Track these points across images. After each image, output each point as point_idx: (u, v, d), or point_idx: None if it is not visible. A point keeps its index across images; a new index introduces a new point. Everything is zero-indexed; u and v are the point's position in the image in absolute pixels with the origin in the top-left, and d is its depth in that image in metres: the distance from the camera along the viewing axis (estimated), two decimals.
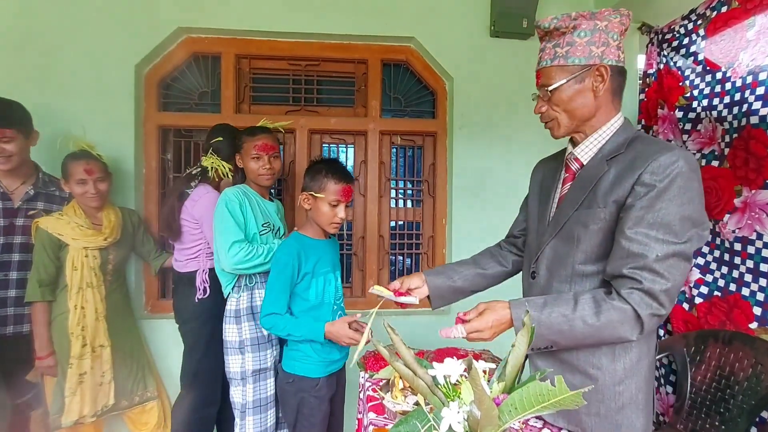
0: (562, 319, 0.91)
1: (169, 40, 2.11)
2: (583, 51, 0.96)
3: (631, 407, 0.97)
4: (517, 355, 0.68)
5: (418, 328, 2.26)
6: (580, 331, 0.91)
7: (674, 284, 0.88)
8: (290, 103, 2.30)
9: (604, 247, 0.96)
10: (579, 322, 0.90)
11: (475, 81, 2.25)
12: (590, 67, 0.96)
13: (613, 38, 0.97)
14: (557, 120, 1.03)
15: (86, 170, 1.72)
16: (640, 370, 0.98)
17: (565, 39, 0.97)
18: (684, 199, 0.88)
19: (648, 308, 0.88)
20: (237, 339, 1.66)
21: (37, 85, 1.99)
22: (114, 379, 1.79)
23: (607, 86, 0.97)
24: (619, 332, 0.90)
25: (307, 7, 2.14)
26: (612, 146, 1.00)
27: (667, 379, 1.97)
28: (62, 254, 1.71)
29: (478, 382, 0.55)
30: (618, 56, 0.98)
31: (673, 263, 0.87)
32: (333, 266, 1.56)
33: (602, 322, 0.89)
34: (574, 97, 0.98)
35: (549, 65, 1.00)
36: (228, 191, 1.64)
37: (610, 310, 0.89)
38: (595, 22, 0.96)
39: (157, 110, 2.17)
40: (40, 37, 2.00)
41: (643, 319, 0.88)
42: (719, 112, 1.76)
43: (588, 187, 0.99)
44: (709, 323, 1.80)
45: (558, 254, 1.03)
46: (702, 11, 1.85)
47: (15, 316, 1.73)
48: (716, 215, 1.77)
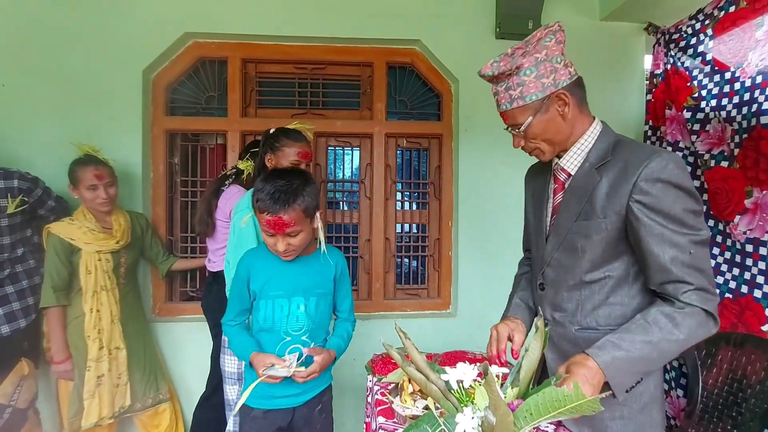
0: (648, 349, 0.89)
1: (176, 45, 2.12)
2: (536, 86, 0.97)
3: (652, 405, 0.99)
4: (531, 359, 0.67)
5: (426, 330, 2.26)
6: (668, 350, 0.90)
7: (709, 270, 0.92)
8: (296, 107, 2.30)
9: (608, 253, 0.99)
10: (665, 344, 0.90)
11: (480, 83, 2.19)
12: (548, 96, 0.98)
13: (557, 61, 0.98)
14: (539, 149, 1.06)
15: (96, 176, 1.73)
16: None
17: (513, 80, 0.99)
18: (683, 196, 0.92)
19: (710, 302, 0.90)
20: (236, 370, 1.60)
21: (44, 90, 2.01)
22: (129, 380, 1.81)
23: (572, 104, 1.00)
24: (701, 335, 0.91)
25: (313, 10, 2.14)
26: (598, 153, 1.02)
27: (677, 383, 1.95)
28: (74, 259, 1.73)
29: (493, 387, 0.54)
30: (569, 73, 1.00)
31: (701, 254, 0.92)
32: (293, 290, 1.28)
33: (685, 334, 0.89)
34: (546, 127, 1.01)
35: (510, 108, 1.02)
36: (247, 196, 1.51)
37: (686, 318, 0.89)
38: (534, 56, 0.97)
39: (164, 114, 2.18)
40: (47, 43, 2.01)
41: (712, 312, 0.90)
42: (728, 113, 1.75)
43: (584, 199, 1.01)
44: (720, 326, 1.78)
45: (563, 265, 1.05)
46: (709, 11, 1.84)
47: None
48: (727, 216, 1.76)
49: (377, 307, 2.30)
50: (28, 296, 1.76)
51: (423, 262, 2.44)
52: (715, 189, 1.82)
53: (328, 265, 1.34)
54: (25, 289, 1.75)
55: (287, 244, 1.19)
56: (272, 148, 1.62)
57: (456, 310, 2.31)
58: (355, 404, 2.16)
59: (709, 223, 1.88)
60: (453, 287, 2.33)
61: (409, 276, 2.42)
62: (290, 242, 1.19)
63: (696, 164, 1.93)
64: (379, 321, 2.24)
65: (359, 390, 2.09)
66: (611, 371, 0.87)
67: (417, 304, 2.34)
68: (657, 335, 0.89)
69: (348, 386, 2.13)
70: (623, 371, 0.88)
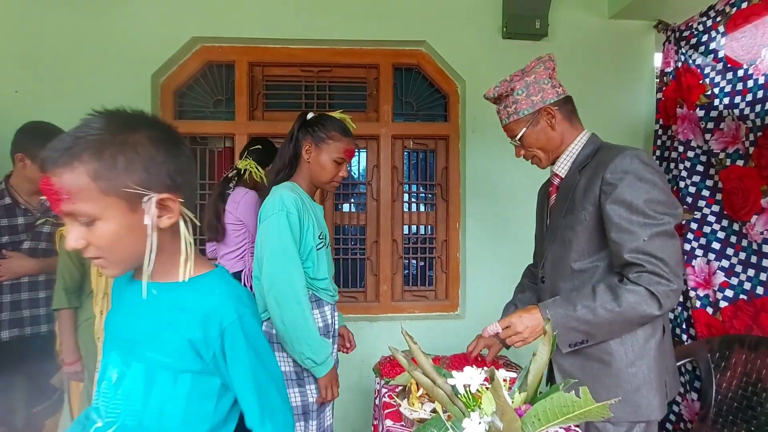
0: (587, 312, 1.03)
1: (185, 49, 2.14)
2: (527, 103, 1.18)
3: (646, 387, 1.07)
4: (538, 364, 0.66)
5: (434, 332, 2.25)
6: (604, 317, 1.02)
7: (671, 260, 1.00)
8: (303, 109, 2.31)
9: (591, 243, 1.11)
10: (601, 311, 1.02)
11: (487, 83, 2.17)
12: (538, 111, 1.18)
13: (545, 83, 1.18)
14: (537, 157, 1.24)
15: None
16: (648, 351, 1.08)
17: (509, 100, 1.20)
18: (647, 187, 1.02)
19: (658, 285, 0.99)
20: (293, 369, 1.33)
21: (57, 96, 2.04)
22: None
23: (558, 118, 1.18)
24: (639, 312, 1.01)
25: (319, 14, 2.15)
26: (582, 158, 1.18)
27: (692, 386, 1.92)
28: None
29: (500, 393, 0.54)
30: (555, 93, 1.18)
31: (662, 242, 1.00)
32: (119, 341, 0.76)
33: (624, 307, 1.00)
34: (539, 137, 1.20)
35: (508, 123, 1.22)
36: (285, 196, 1.27)
37: (626, 293, 1.00)
38: (525, 80, 1.18)
39: (172, 118, 2.20)
40: (59, 50, 2.05)
41: (657, 294, 0.99)
42: (741, 111, 1.72)
43: (568, 196, 1.17)
44: (735, 328, 1.75)
45: (556, 257, 1.19)
46: (721, 8, 1.81)
47: (31, 318, 1.77)
48: (743, 216, 1.72)
49: (385, 309, 2.30)
50: None
51: (431, 263, 2.43)
52: (731, 188, 1.78)
53: (191, 313, 0.72)
54: None
55: (78, 238, 0.65)
56: (317, 137, 1.36)
57: (464, 312, 2.29)
58: (363, 406, 2.16)
59: (723, 224, 1.84)
60: (461, 289, 2.32)
61: (417, 278, 2.42)
62: (85, 235, 0.66)
63: (709, 164, 1.90)
64: (387, 323, 2.23)
65: (367, 392, 2.09)
66: (554, 323, 1.03)
67: (425, 306, 2.33)
68: (597, 302, 1.02)
69: (356, 388, 2.13)
70: (563, 326, 1.05)
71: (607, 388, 1.07)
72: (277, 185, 1.34)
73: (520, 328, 1.08)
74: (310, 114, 1.41)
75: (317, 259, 1.33)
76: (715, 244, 1.85)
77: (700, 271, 1.90)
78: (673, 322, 2.04)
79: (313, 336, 1.25)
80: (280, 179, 1.37)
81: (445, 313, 2.32)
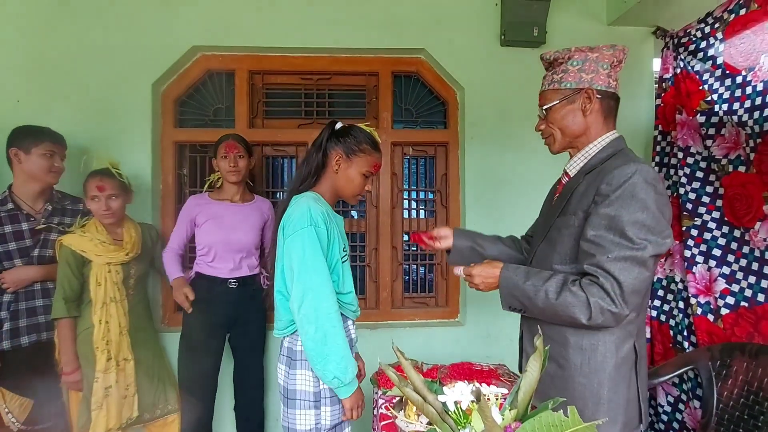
0: (531, 289, 1.07)
1: (185, 58, 2.16)
2: (575, 76, 1.11)
3: (592, 400, 1.07)
4: (529, 380, 0.66)
5: (434, 340, 2.25)
6: (541, 301, 1.05)
7: (627, 286, 0.96)
8: (303, 117, 2.32)
9: (575, 250, 1.09)
10: (542, 294, 1.05)
11: (486, 90, 2.24)
12: (580, 90, 1.11)
13: (603, 67, 1.11)
14: (553, 136, 1.17)
15: (98, 187, 1.74)
16: (604, 368, 1.07)
17: (561, 68, 1.14)
18: (637, 207, 0.97)
19: (601, 300, 0.98)
20: (312, 390, 1.28)
21: (59, 106, 2.06)
22: (137, 391, 1.83)
23: (596, 107, 1.11)
24: (569, 312, 1.01)
25: (318, 22, 2.16)
26: (594, 162, 1.12)
27: (694, 394, 1.90)
28: (86, 270, 1.76)
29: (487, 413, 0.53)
30: (608, 83, 1.11)
31: (625, 267, 0.97)
32: None
33: (559, 301, 1.02)
34: (566, 115, 1.13)
35: (546, 89, 1.17)
36: (313, 209, 1.23)
37: (568, 292, 1.01)
38: (587, 54, 1.11)
39: (173, 127, 2.22)
40: (61, 60, 2.07)
41: (592, 307, 0.98)
42: (740, 117, 1.71)
43: (566, 197, 1.14)
44: (736, 335, 1.74)
45: (542, 255, 1.19)
46: (719, 14, 1.80)
47: (47, 323, 1.79)
48: (747, 223, 1.71)
49: (385, 316, 2.30)
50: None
51: (431, 270, 2.42)
52: (734, 195, 1.77)
53: None
54: None
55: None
56: (348, 149, 1.33)
57: (464, 319, 2.29)
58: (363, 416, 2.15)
59: (723, 230, 1.83)
60: (461, 296, 2.32)
61: (417, 284, 2.41)
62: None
63: (710, 170, 1.89)
64: (387, 330, 2.23)
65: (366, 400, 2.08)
66: (503, 283, 1.11)
67: (425, 313, 2.33)
68: (543, 286, 1.05)
69: None
70: (508, 289, 1.11)
71: (558, 390, 1.08)
72: (299, 194, 1.30)
73: (476, 280, 1.16)
74: (339, 124, 1.37)
75: (342, 272, 1.32)
76: (716, 250, 1.84)
77: (701, 278, 1.89)
78: (674, 329, 2.03)
79: (343, 354, 1.21)
80: (303, 188, 1.33)
81: (445, 320, 2.32)
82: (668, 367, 1.71)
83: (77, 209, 1.90)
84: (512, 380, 1.49)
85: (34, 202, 1.79)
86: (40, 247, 1.78)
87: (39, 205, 1.80)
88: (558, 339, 1.11)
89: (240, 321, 1.97)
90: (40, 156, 1.73)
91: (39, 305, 1.79)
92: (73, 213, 1.88)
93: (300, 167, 1.39)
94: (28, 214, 1.77)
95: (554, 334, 1.11)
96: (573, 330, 1.08)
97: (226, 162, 1.87)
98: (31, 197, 1.78)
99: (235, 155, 1.87)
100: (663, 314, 2.10)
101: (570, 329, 1.09)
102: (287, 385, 1.29)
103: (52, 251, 1.79)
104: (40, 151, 1.73)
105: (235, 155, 1.87)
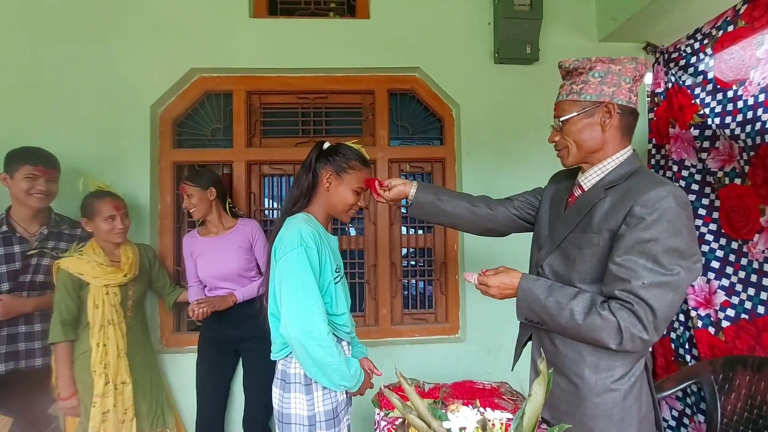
0: (554, 305, 1.03)
1: (183, 80, 2.18)
2: (595, 89, 1.06)
3: (605, 419, 1.04)
4: (534, 404, 0.66)
5: (434, 356, 2.23)
6: (565, 320, 1.01)
7: (661, 314, 0.94)
8: (300, 135, 2.34)
9: (597, 270, 1.05)
10: (567, 313, 1.01)
11: (481, 107, 2.26)
12: (600, 103, 1.06)
13: (625, 81, 1.06)
14: (568, 149, 1.13)
15: (115, 206, 1.78)
16: (619, 387, 1.04)
17: (581, 78, 1.09)
18: (671, 232, 0.95)
19: (633, 327, 0.95)
20: (306, 413, 1.26)
21: (57, 127, 2.07)
22: (136, 415, 1.80)
23: (615, 123, 1.06)
24: (596, 336, 0.99)
25: (314, 43, 2.20)
26: (613, 177, 1.08)
27: (698, 408, 1.89)
28: (83, 293, 1.75)
29: None
30: (629, 98, 1.07)
31: (659, 293, 0.94)
32: None
33: (586, 323, 0.99)
34: (583, 129, 1.08)
35: (564, 99, 1.11)
36: (303, 230, 1.23)
37: (597, 315, 0.98)
38: (609, 66, 1.06)
39: (171, 147, 2.23)
40: (57, 80, 2.08)
41: (623, 333, 0.96)
42: (732, 131, 1.74)
43: (584, 212, 1.09)
44: (738, 348, 1.73)
45: (558, 272, 1.13)
46: (707, 30, 1.85)
47: (26, 351, 1.75)
48: (745, 235, 1.72)
49: (384, 333, 2.28)
50: None
51: (430, 285, 2.42)
52: (731, 207, 1.79)
53: None
54: None
55: None
56: (338, 167, 1.34)
57: (465, 335, 2.27)
58: None
59: (721, 242, 1.84)
60: (461, 312, 2.31)
61: (416, 300, 2.40)
62: None
63: (705, 182, 1.91)
64: (387, 348, 2.21)
65: (367, 420, 2.06)
66: (521, 295, 1.08)
67: (425, 330, 2.31)
68: (569, 305, 1.01)
69: (356, 416, 2.09)
70: (526, 302, 1.07)
71: (570, 407, 1.08)
72: (291, 216, 1.31)
73: (493, 291, 1.12)
74: (327, 143, 1.39)
75: (335, 294, 1.31)
76: (714, 263, 1.85)
77: (700, 291, 1.89)
78: (676, 342, 2.02)
79: (342, 370, 1.23)
80: (296, 210, 1.34)
81: (445, 336, 2.30)
82: (671, 381, 1.70)
83: (74, 234, 1.88)
84: (515, 398, 1.47)
85: (29, 224, 1.78)
86: (32, 273, 1.76)
87: (34, 228, 1.79)
88: (573, 357, 1.08)
89: (246, 338, 1.95)
90: (21, 179, 1.71)
91: (21, 332, 1.75)
92: (70, 238, 1.86)
93: (291, 190, 1.41)
94: (22, 237, 1.75)
95: (569, 352, 1.09)
96: (591, 349, 1.05)
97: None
98: (26, 220, 1.77)
99: (186, 196, 1.89)
100: None
101: (588, 348, 1.05)
102: (282, 408, 1.29)
103: (44, 277, 1.77)
104: (21, 174, 1.71)
105: (186, 196, 1.89)
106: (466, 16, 2.26)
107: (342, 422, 1.32)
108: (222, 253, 1.93)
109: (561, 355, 1.11)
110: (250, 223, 2.03)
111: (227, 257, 1.92)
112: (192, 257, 1.99)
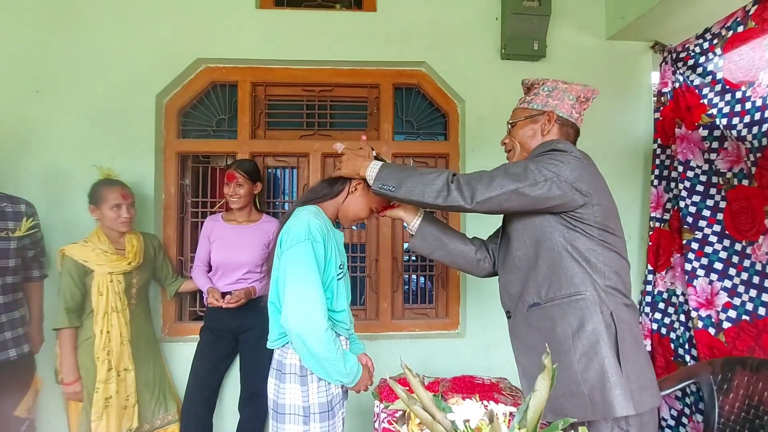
0: (406, 167, 1.23)
1: (189, 70, 2.18)
2: (542, 100, 1.25)
3: (602, 383, 1.05)
4: (538, 399, 0.66)
5: (434, 351, 2.24)
6: (412, 171, 1.18)
7: (482, 181, 1.13)
8: (304, 128, 2.34)
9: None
10: (417, 169, 1.19)
11: (486, 103, 2.26)
12: (544, 112, 1.24)
13: (569, 98, 1.24)
14: (513, 150, 1.30)
15: (122, 195, 1.79)
16: (599, 349, 1.07)
17: (533, 91, 1.29)
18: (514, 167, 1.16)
19: (455, 180, 1.15)
20: (301, 404, 1.26)
21: (61, 115, 2.07)
22: (138, 402, 1.81)
23: (554, 130, 1.23)
24: (429, 182, 1.16)
25: (321, 35, 2.19)
26: None
27: (697, 408, 1.90)
28: (87, 280, 1.76)
29: None
30: (570, 113, 1.24)
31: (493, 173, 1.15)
32: None
33: (425, 172, 1.17)
34: (526, 133, 1.26)
35: (517, 107, 1.31)
36: (312, 223, 1.23)
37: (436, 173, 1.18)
38: (558, 84, 1.25)
39: (176, 137, 2.23)
40: (63, 69, 2.08)
41: (449, 183, 1.14)
42: (739, 132, 1.73)
43: None
44: (738, 349, 1.74)
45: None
46: (717, 30, 1.83)
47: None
48: (751, 237, 1.72)
49: (385, 327, 2.29)
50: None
51: (431, 280, 2.42)
52: (739, 208, 1.78)
53: None
54: None
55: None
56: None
57: (465, 330, 2.28)
58: (363, 429, 2.14)
59: (724, 244, 1.84)
60: (461, 307, 2.32)
61: (417, 295, 2.41)
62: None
63: (710, 183, 1.91)
64: (387, 341, 2.22)
65: (366, 413, 2.07)
66: (379, 165, 1.22)
67: (425, 324, 2.32)
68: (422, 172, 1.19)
69: (355, 409, 2.11)
70: (389, 168, 1.22)
71: (561, 386, 1.09)
72: (301, 206, 1.31)
73: (346, 163, 1.28)
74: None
75: (337, 290, 1.30)
76: (717, 264, 1.85)
77: (702, 291, 1.89)
78: (675, 342, 2.03)
79: (339, 366, 1.22)
80: (310, 201, 1.34)
81: (445, 332, 2.31)
82: (670, 380, 1.71)
83: (19, 211, 1.67)
84: (514, 394, 1.48)
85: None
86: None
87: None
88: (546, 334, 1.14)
89: (245, 328, 1.97)
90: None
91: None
92: (15, 215, 1.66)
93: (320, 184, 1.40)
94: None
95: (539, 323, 1.17)
96: (568, 342, 1.10)
97: (229, 189, 1.94)
98: None
99: (234, 184, 1.93)
100: (664, 327, 2.10)
101: (565, 342, 1.10)
102: (277, 398, 1.29)
103: (13, 261, 1.63)
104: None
105: (235, 184, 1.93)
106: (473, 10, 2.25)
107: (336, 415, 1.31)
108: (241, 242, 1.96)
109: (540, 342, 1.16)
110: (273, 222, 2.05)
111: (246, 247, 1.95)
112: (209, 240, 2.01)
